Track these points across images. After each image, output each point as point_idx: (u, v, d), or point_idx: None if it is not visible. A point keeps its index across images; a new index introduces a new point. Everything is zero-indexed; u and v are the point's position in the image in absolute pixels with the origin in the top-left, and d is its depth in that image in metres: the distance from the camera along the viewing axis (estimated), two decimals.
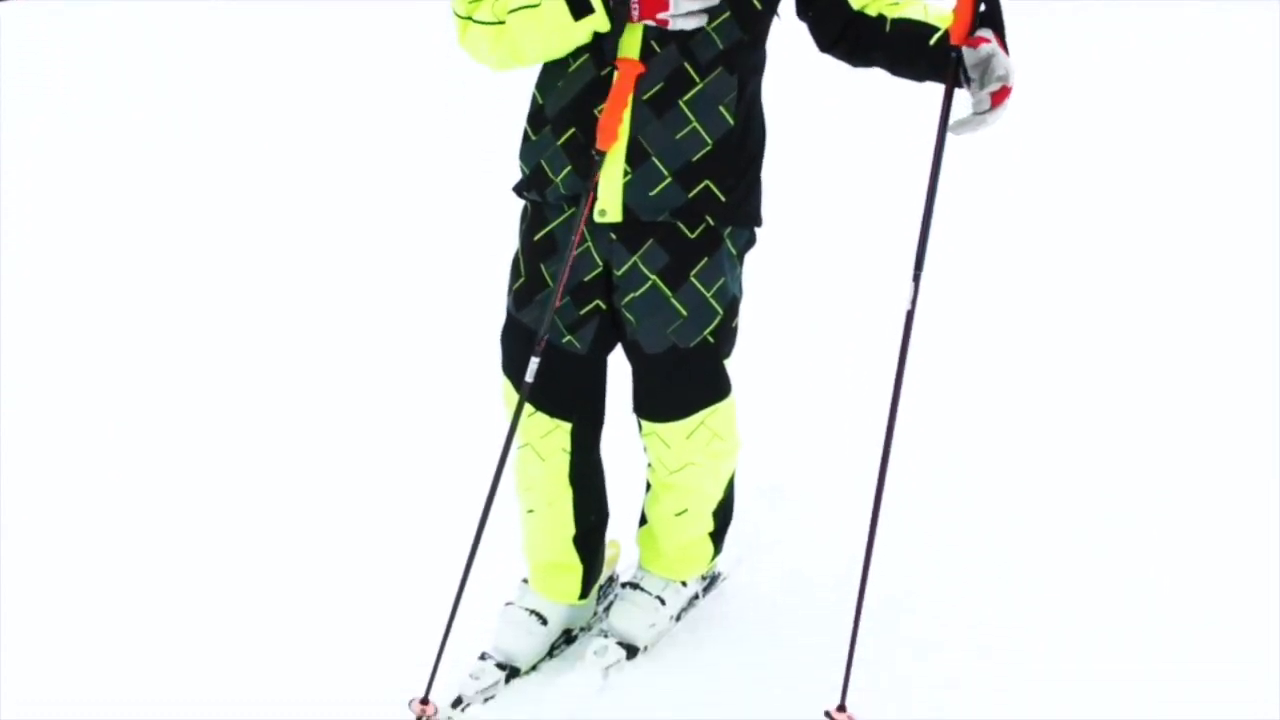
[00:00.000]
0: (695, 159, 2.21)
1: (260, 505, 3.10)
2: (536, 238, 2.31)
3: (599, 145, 2.15)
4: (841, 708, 2.16)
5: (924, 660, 2.45)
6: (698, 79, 2.18)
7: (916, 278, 2.17)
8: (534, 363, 2.21)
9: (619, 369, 2.41)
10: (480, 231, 4.07)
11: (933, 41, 2.17)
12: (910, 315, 2.19)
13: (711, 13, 2.15)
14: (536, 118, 2.29)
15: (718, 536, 2.56)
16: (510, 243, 2.39)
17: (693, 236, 2.25)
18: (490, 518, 2.27)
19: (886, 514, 2.23)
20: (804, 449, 3.25)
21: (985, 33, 2.13)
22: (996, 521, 2.93)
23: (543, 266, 2.30)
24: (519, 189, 2.34)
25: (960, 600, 2.63)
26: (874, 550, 2.19)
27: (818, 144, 5.41)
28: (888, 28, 2.22)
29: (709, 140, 2.20)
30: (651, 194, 2.21)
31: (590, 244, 2.26)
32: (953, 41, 2.13)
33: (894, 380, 2.20)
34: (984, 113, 2.12)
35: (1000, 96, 2.11)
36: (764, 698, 2.34)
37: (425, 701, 2.28)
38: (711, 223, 2.24)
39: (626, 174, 2.20)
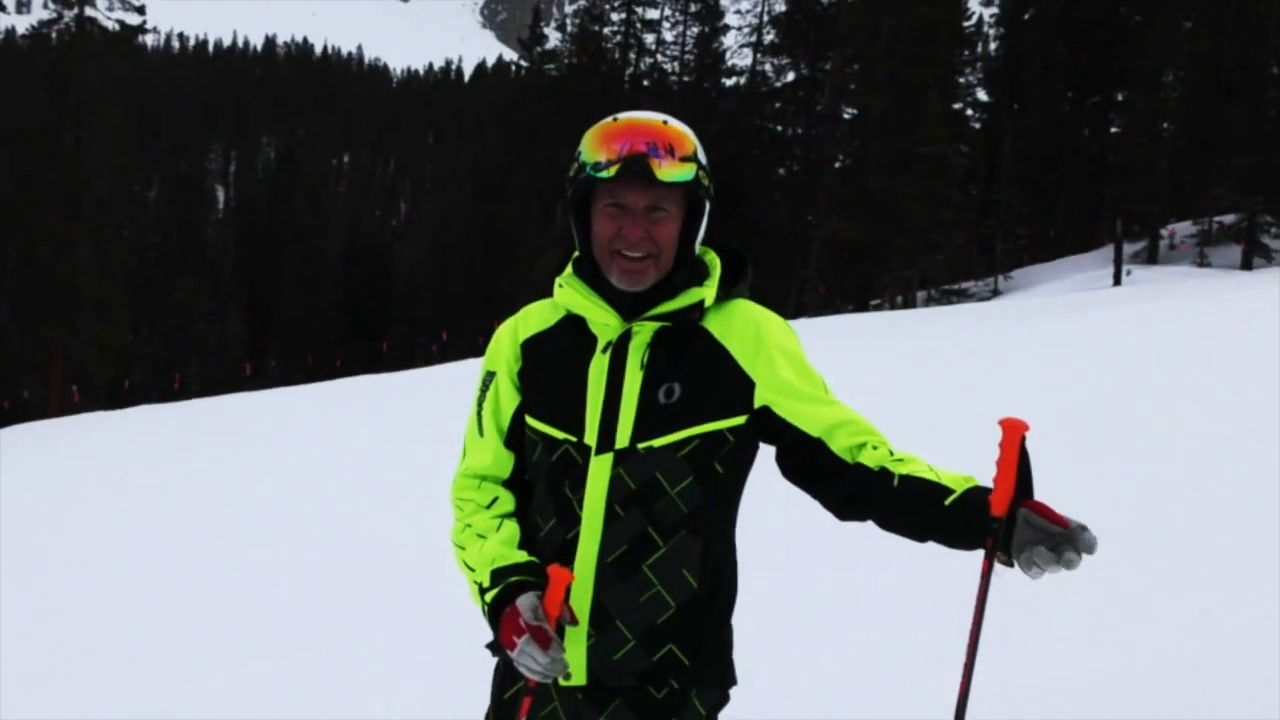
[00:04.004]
0: (659, 622, 2.23)
1: None
2: (506, 695, 2.34)
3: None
4: None
5: None
6: (661, 543, 2.22)
7: None
8: None
9: None
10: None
11: (948, 503, 2.11)
12: None
13: (673, 477, 2.21)
14: None
15: None
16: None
17: (659, 697, 2.26)
18: None
19: None
20: None
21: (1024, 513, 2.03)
22: None
23: None
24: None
25: None
26: None
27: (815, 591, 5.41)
28: (895, 483, 2.17)
29: (672, 603, 2.23)
30: (615, 658, 2.24)
31: (556, 703, 2.29)
32: (994, 514, 2.05)
33: None
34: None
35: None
36: None
37: None
38: (676, 686, 2.25)
39: (590, 637, 2.23)
